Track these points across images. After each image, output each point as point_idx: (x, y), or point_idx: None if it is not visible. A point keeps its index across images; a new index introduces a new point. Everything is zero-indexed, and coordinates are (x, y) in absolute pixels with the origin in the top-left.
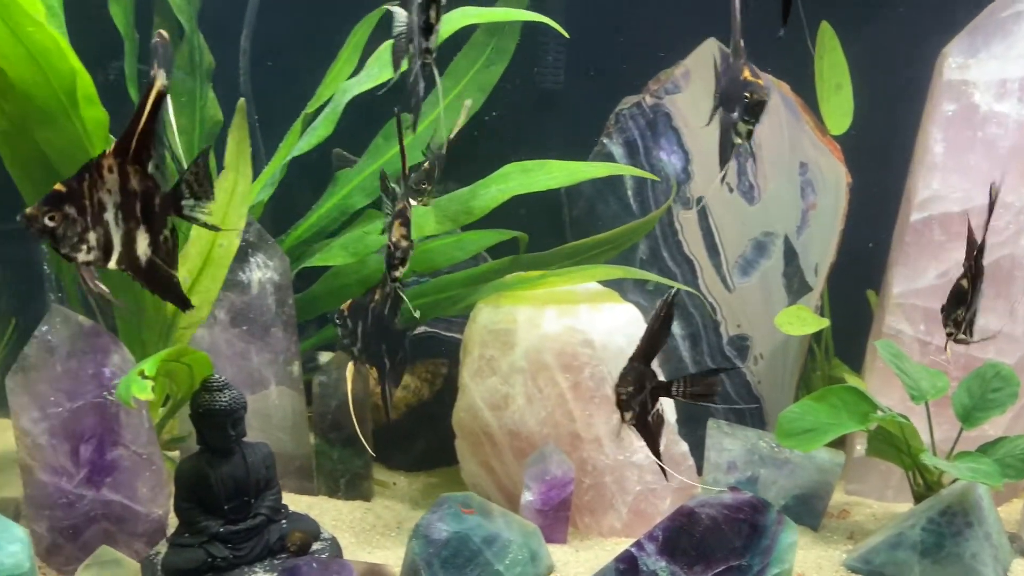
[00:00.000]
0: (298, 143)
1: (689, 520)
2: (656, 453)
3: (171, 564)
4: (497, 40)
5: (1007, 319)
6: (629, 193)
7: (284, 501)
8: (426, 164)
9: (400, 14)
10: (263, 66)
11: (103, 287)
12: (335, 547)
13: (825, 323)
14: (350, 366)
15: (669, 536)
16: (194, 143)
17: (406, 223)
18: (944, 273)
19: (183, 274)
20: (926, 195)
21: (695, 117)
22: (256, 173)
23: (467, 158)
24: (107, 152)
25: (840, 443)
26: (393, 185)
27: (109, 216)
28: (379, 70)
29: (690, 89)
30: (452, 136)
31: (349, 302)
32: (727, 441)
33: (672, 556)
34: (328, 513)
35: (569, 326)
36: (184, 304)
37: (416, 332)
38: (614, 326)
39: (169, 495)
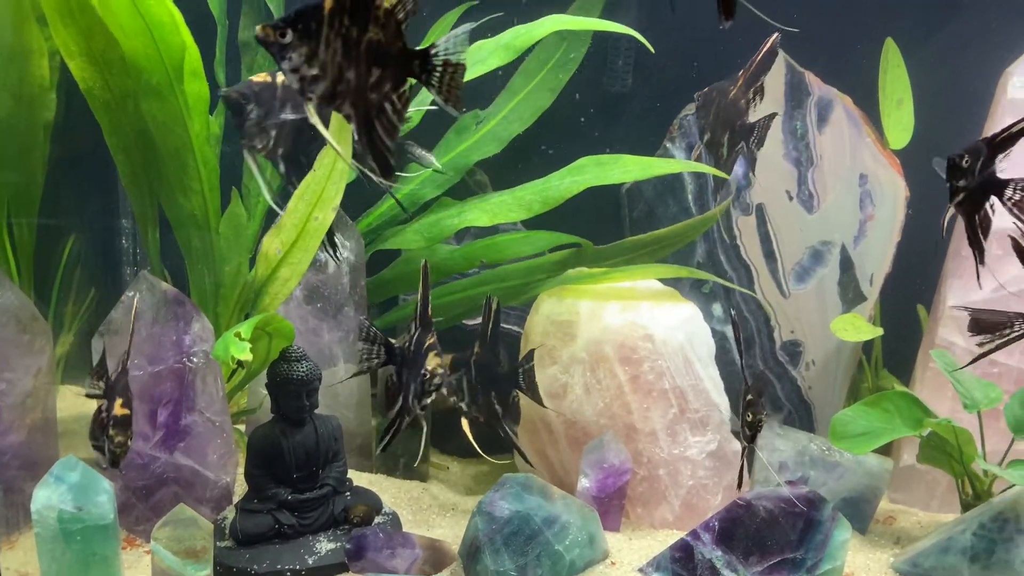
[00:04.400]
0: None
1: (746, 512)
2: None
3: (240, 528)
4: (568, 43)
5: None
6: (689, 197)
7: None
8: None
9: None
10: None
11: None
12: (396, 521)
13: (879, 332)
14: (465, 422)
15: (725, 526)
16: None
17: (440, 353)
18: (999, 287)
19: (277, 244)
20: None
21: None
22: None
23: (537, 155)
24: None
25: (886, 453)
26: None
27: (344, 54)
28: (470, 67)
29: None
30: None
31: (449, 359)
32: (779, 442)
33: (728, 546)
34: (387, 491)
35: (631, 320)
36: (387, 171)
37: (473, 322)
38: (674, 323)
39: (237, 463)
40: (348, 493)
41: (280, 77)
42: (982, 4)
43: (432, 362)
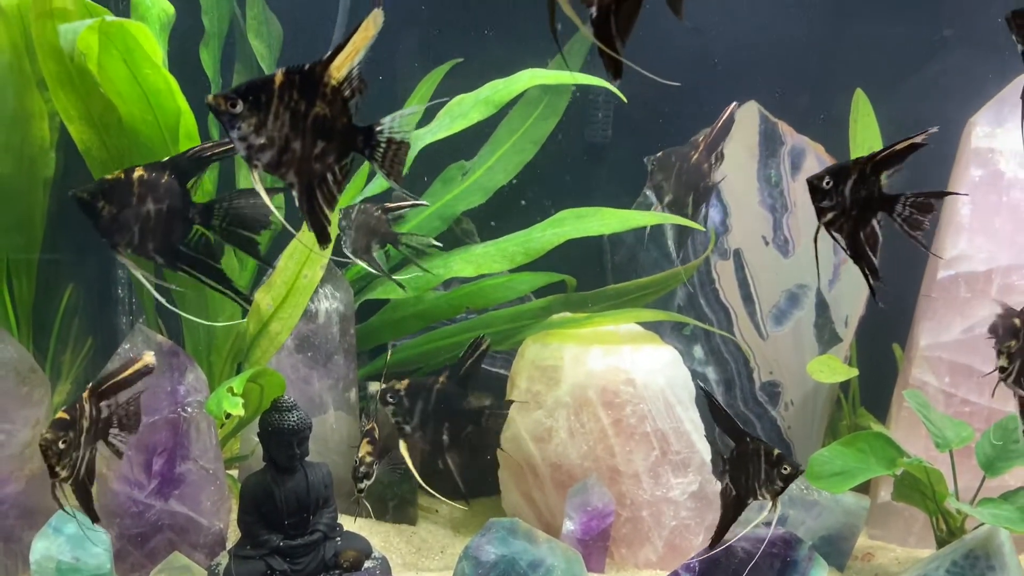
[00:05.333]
0: (368, 185)
1: (725, 552)
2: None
3: (234, 574)
4: (550, 97)
5: None
6: (670, 243)
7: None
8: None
9: None
10: None
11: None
12: (385, 566)
13: (854, 372)
14: (403, 445)
15: (705, 567)
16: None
17: (373, 442)
18: (969, 328)
19: (268, 301)
20: (953, 254)
21: (734, 172)
22: None
23: (519, 205)
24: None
25: (864, 490)
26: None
27: (291, 125)
28: (451, 121)
29: (730, 146)
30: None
31: (406, 382)
32: None
33: None
34: (377, 534)
35: (613, 365)
36: (323, 239)
37: None
38: (655, 366)
39: (230, 509)
40: (339, 538)
41: (137, 172)
42: (948, 55)
43: (363, 449)
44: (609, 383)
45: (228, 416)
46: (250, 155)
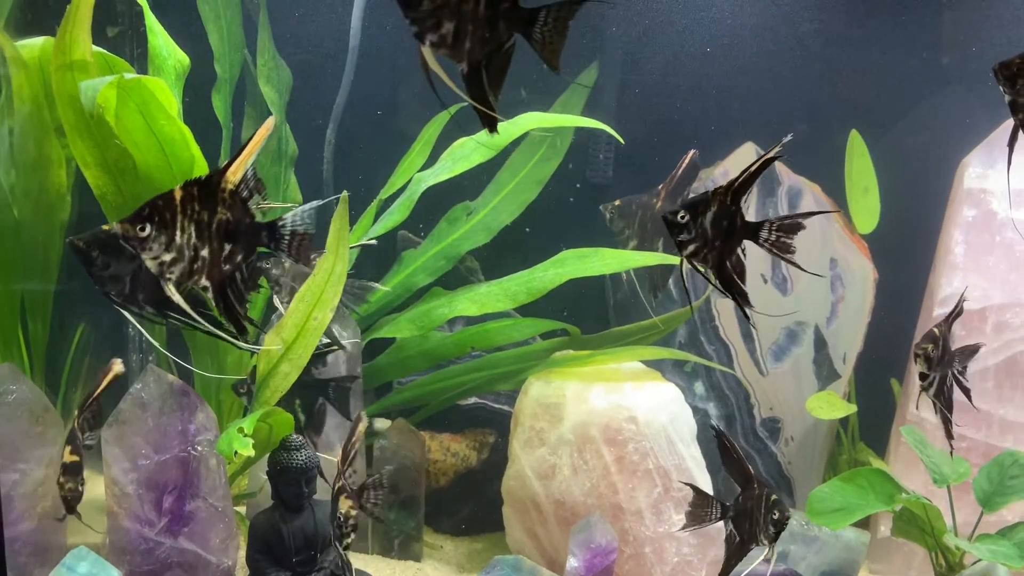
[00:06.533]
0: (374, 226)
1: None
2: None
3: None
4: (553, 138)
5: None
6: (670, 280)
7: None
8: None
9: None
10: (344, 155)
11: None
12: None
13: (853, 409)
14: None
15: None
16: None
17: (351, 496)
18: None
19: (278, 342)
20: (948, 292)
21: None
22: None
23: (521, 245)
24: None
25: (865, 525)
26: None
27: (197, 235)
28: (453, 164)
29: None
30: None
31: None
32: None
33: None
34: (382, 572)
35: (615, 403)
36: (241, 331)
37: (467, 403)
38: (656, 404)
39: (238, 547)
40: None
41: None
42: (942, 97)
43: (344, 505)
44: (612, 420)
45: (236, 454)
46: (162, 271)
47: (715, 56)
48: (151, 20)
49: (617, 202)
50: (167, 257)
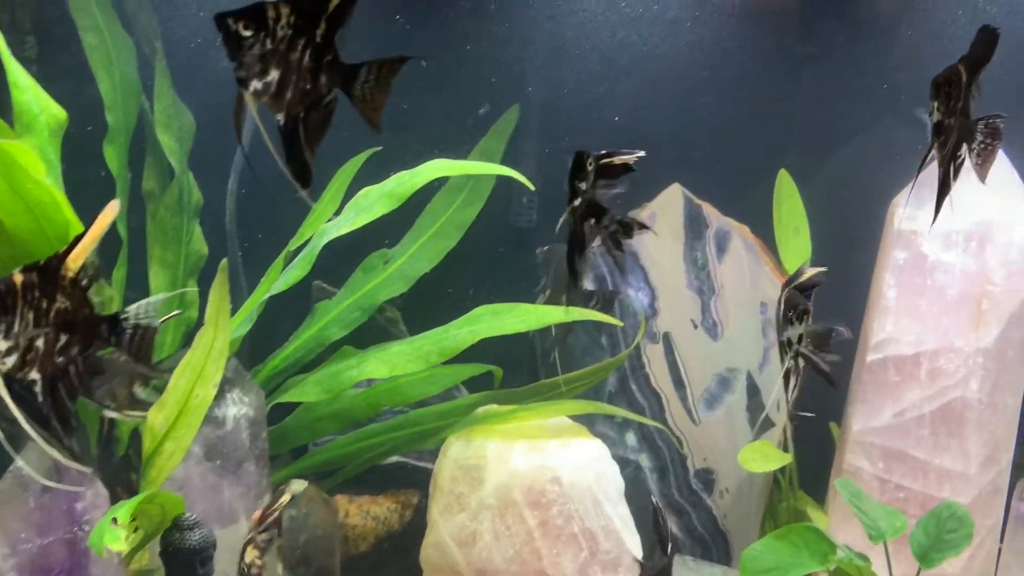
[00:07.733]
0: (276, 282)
1: None
2: None
3: None
4: (474, 183)
5: (960, 460)
6: (599, 327)
7: None
8: None
9: None
10: (249, 204)
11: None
12: None
13: (788, 459)
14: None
15: None
16: (178, 277)
17: (258, 547)
18: (900, 412)
19: (160, 420)
20: (881, 337)
21: (661, 255)
22: (237, 307)
23: (441, 296)
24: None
25: None
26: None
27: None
28: (356, 215)
29: (656, 229)
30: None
31: None
32: None
33: None
34: None
35: (538, 464)
36: (67, 429)
37: (387, 461)
38: (582, 462)
39: None
40: None
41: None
42: (871, 135)
43: (250, 555)
44: (535, 482)
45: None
46: None
47: (642, 98)
48: (15, 75)
49: (546, 247)
50: (2, 346)
